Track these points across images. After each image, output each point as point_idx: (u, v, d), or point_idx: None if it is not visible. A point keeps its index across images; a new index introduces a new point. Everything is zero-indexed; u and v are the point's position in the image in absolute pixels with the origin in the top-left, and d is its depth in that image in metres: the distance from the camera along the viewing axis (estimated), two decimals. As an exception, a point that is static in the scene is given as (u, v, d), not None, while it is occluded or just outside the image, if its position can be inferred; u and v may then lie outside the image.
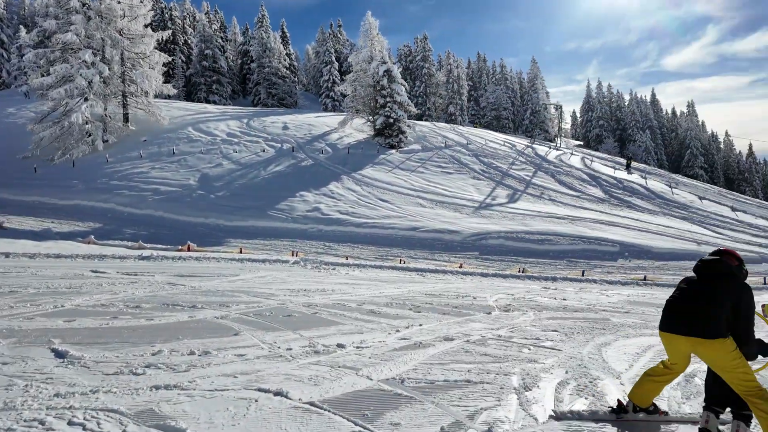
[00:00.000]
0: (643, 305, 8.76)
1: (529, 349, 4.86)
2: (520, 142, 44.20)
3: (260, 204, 24.31)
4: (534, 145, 41.70)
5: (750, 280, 10.16)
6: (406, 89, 38.34)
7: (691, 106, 78.53)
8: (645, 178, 33.16)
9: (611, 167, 35.90)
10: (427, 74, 60.86)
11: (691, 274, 2.88)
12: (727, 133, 77.07)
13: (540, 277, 13.19)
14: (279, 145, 34.35)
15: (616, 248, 18.95)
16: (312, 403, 3.12)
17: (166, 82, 35.95)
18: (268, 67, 54.89)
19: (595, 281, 12.85)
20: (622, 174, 33.20)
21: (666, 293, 11.79)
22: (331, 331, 5.28)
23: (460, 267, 14.62)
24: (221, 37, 60.61)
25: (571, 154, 40.06)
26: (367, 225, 21.87)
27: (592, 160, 37.52)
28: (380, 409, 3.05)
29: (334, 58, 58.23)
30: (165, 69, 36.50)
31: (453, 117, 60.60)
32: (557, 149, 42.44)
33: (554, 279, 12.82)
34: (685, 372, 2.95)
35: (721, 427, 2.79)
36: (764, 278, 14.67)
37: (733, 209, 26.88)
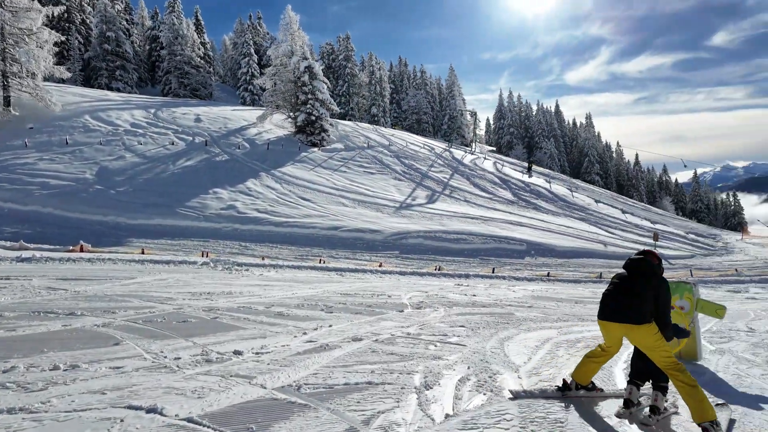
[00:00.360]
0: (545, 300, 9.33)
1: (436, 346, 4.86)
2: (439, 145, 45.77)
3: (168, 201, 22.50)
4: (451, 149, 43.40)
5: None
6: (328, 87, 37.89)
7: (588, 118, 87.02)
8: (549, 182, 36.00)
9: (520, 172, 38.48)
10: (350, 74, 60.80)
11: (617, 270, 3.39)
12: (618, 143, 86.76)
13: (454, 274, 13.62)
14: (190, 138, 32.12)
15: (524, 247, 20.23)
16: (190, 419, 2.75)
17: (59, 63, 31.96)
18: (180, 55, 51.16)
19: (504, 278, 13.54)
20: (530, 178, 35.73)
21: (566, 288, 12.74)
22: (229, 337, 4.86)
23: (380, 266, 14.63)
24: (126, 20, 55.36)
25: (485, 158, 42.33)
26: (287, 224, 21.18)
27: (503, 165, 39.95)
28: (268, 421, 2.78)
29: (253, 51, 55.92)
30: (57, 49, 32.46)
31: (376, 118, 61.18)
32: (472, 153, 44.61)
33: (467, 276, 13.31)
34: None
35: (641, 399, 3.29)
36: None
37: (623, 212, 30.11)
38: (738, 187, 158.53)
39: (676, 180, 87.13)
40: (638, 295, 3.10)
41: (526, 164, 42.73)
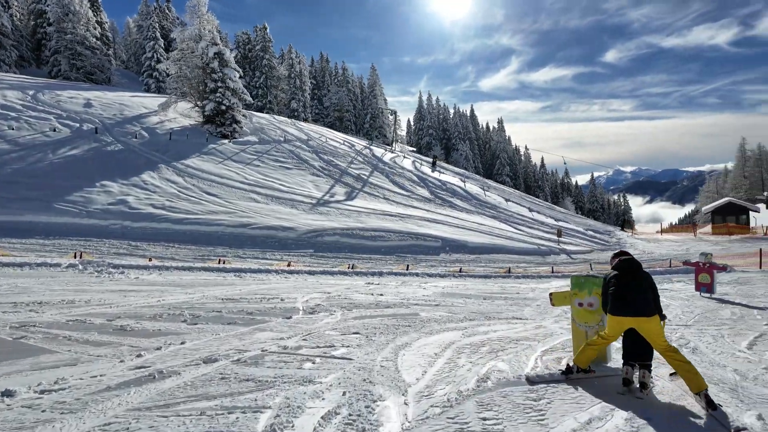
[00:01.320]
0: (454, 296, 8.82)
1: (314, 363, 3.89)
2: (359, 142, 45.11)
3: (44, 194, 19.30)
4: (372, 147, 42.92)
5: (540, 270, 11.01)
6: (240, 76, 35.36)
7: (500, 122, 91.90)
8: (464, 181, 36.88)
9: (438, 171, 39.02)
10: (267, 66, 57.93)
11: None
12: (526, 147, 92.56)
13: (368, 272, 12.80)
14: (77, 125, 28.13)
15: (439, 243, 20.08)
16: None
17: None
18: (71, 33, 44.96)
19: (417, 275, 13.00)
20: (446, 177, 36.30)
21: (476, 284, 12.46)
22: (19, 366, 3.46)
23: (288, 266, 13.38)
24: (1, -13, 47.55)
25: (404, 157, 42.43)
26: (187, 221, 19.03)
27: (421, 164, 40.28)
28: None
29: (159, 35, 51.04)
30: None
31: (296, 113, 59.00)
32: (392, 152, 44.52)
33: (380, 274, 12.56)
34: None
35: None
36: (551, 268, 16.99)
37: (531, 210, 31.57)
38: (627, 189, 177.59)
39: (576, 182, 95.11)
40: (645, 290, 3.54)
41: (440, 161, 43.67)
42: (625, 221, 42.76)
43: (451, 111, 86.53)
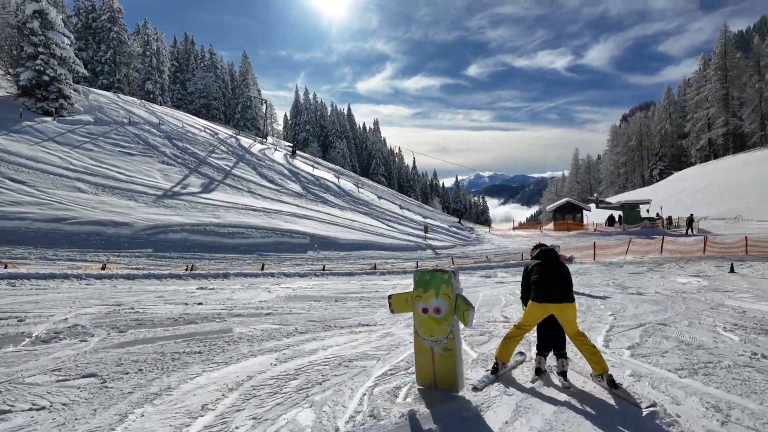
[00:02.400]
0: (302, 300, 7.69)
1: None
2: (224, 131, 41.45)
3: None
4: (239, 136, 39.72)
5: (406, 266, 10.31)
6: (71, 43, 29.45)
7: (376, 124, 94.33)
8: (338, 177, 36.20)
9: (311, 166, 37.68)
10: (116, 40, 50.00)
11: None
12: (399, 149, 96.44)
13: (210, 275, 10.92)
14: None
15: (307, 240, 18.83)
16: None
17: None
18: None
19: (272, 275, 11.56)
20: (320, 173, 35.17)
21: (337, 283, 11.39)
22: None
23: (103, 268, 10.76)
24: None
25: (275, 149, 40.15)
26: (-29, 215, 14.70)
27: (294, 157, 38.51)
28: None
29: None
30: None
31: (152, 95, 52.04)
32: (263, 143, 41.84)
33: (225, 276, 10.81)
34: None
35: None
36: (416, 263, 16.98)
37: (401, 207, 32.15)
38: (485, 192, 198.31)
39: (443, 183, 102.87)
40: (566, 278, 3.62)
41: (325, 162, 42.56)
42: (461, 215, 46.88)
43: (329, 108, 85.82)
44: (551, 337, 3.70)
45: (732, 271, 11.96)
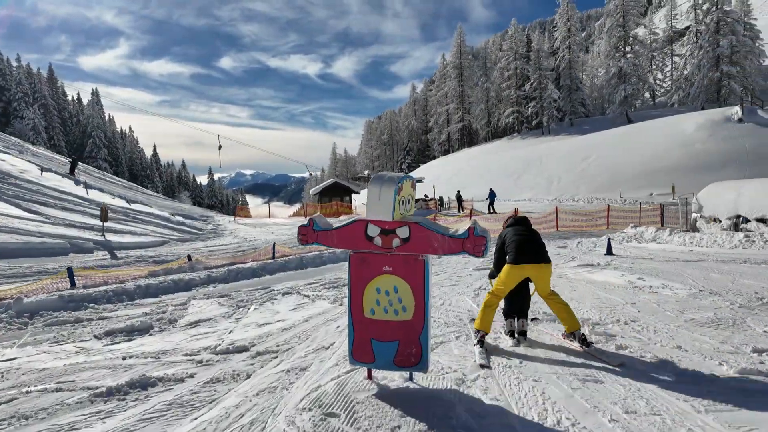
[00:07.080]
0: None
1: None
2: None
3: None
4: None
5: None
6: None
7: (96, 95, 72.61)
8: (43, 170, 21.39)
9: None
10: None
11: None
12: (131, 128, 76.65)
13: None
14: None
15: None
16: None
17: None
18: None
19: None
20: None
21: None
22: None
23: None
24: None
25: None
26: None
27: None
28: None
29: None
30: None
31: None
32: None
33: None
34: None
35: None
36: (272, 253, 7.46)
37: (78, 183, 20.56)
38: (247, 190, 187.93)
39: (194, 176, 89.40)
40: (541, 242, 3.72)
41: None
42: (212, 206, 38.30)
43: (14, 65, 60.26)
44: (518, 303, 3.80)
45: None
